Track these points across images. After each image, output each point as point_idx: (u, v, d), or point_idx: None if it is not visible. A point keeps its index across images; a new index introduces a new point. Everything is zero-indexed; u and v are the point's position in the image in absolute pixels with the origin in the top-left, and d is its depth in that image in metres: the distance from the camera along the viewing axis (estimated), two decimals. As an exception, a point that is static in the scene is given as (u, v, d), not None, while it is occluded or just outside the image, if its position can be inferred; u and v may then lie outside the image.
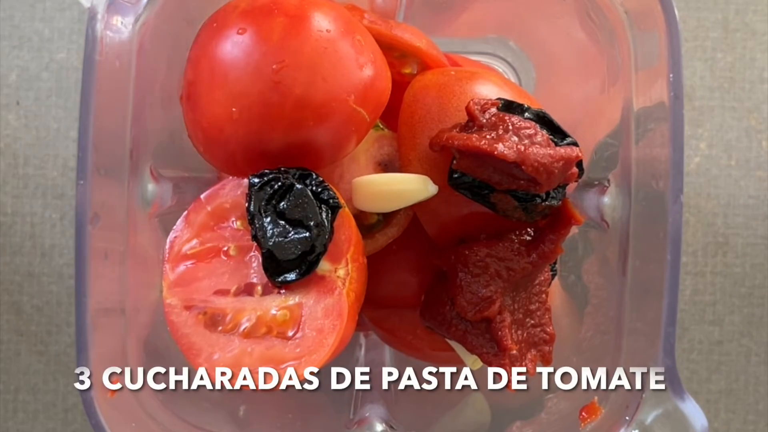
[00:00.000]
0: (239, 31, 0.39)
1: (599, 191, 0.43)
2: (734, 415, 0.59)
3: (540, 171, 0.39)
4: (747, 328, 0.59)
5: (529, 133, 0.40)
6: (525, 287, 0.42)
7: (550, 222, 0.43)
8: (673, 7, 0.36)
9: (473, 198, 0.41)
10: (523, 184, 0.40)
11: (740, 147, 0.59)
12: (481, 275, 0.42)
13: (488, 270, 0.42)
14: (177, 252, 0.41)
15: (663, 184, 0.37)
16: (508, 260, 0.42)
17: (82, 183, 0.37)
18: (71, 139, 0.59)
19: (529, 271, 0.42)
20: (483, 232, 0.43)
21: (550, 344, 0.42)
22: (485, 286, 0.41)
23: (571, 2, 0.44)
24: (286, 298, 0.39)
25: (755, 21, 0.59)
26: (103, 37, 0.37)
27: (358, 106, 0.40)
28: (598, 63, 0.44)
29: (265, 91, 0.39)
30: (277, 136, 0.39)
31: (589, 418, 0.40)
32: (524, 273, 0.42)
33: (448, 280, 0.43)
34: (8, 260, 0.58)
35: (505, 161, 0.39)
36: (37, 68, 0.59)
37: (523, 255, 0.42)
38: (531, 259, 0.42)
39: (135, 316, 0.41)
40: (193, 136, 0.42)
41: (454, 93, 0.43)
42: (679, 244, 0.37)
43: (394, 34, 0.44)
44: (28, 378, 0.58)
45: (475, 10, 0.51)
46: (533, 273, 0.42)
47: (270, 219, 0.39)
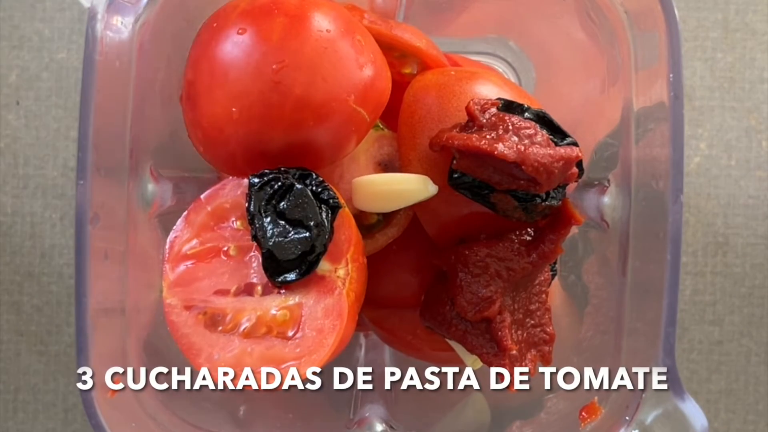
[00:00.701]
0: (239, 31, 0.39)
1: (599, 191, 0.43)
2: (734, 415, 0.59)
3: (540, 171, 0.39)
4: (747, 328, 0.59)
5: (529, 133, 0.40)
6: (525, 287, 0.42)
7: (550, 222, 0.43)
8: (673, 7, 0.36)
9: (473, 198, 0.41)
10: (523, 184, 0.40)
11: (740, 147, 0.59)
12: (481, 275, 0.41)
13: (488, 270, 0.41)
14: (177, 252, 0.41)
15: (663, 184, 0.37)
16: (508, 260, 0.42)
17: (82, 183, 0.37)
18: (71, 139, 0.59)
19: (529, 271, 0.42)
20: (483, 232, 0.43)
21: (550, 344, 0.42)
22: (485, 286, 0.41)
23: (571, 2, 0.44)
24: (286, 298, 0.39)
25: (755, 21, 0.59)
26: (103, 37, 0.37)
27: (358, 106, 0.40)
28: (598, 63, 0.44)
29: (265, 91, 0.39)
30: (277, 136, 0.39)
31: (589, 418, 0.40)
32: (524, 273, 0.42)
33: (448, 281, 0.43)
34: (8, 260, 0.58)
35: (506, 161, 0.39)
36: (37, 68, 0.59)
37: (523, 255, 0.42)
38: (531, 259, 0.42)
39: (135, 316, 0.41)
40: (193, 136, 0.42)
41: (454, 93, 0.43)
42: (679, 244, 0.37)
43: (394, 34, 0.44)
44: (28, 378, 0.58)
45: (475, 10, 0.51)
46: (533, 273, 0.42)
47: (270, 219, 0.39)
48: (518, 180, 0.40)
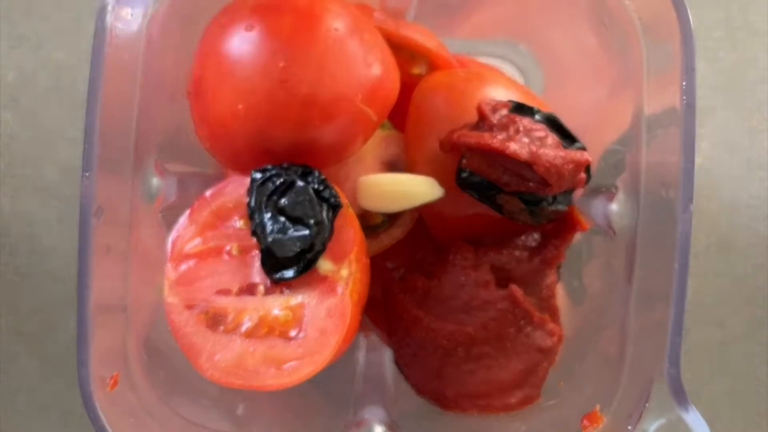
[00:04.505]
0: (247, 28, 0.39)
1: (607, 198, 0.43)
2: (736, 417, 0.58)
3: (551, 172, 0.39)
4: (749, 329, 0.58)
5: (539, 135, 0.40)
6: (533, 291, 0.42)
7: (555, 227, 0.43)
8: (688, 14, 0.36)
9: (480, 199, 0.41)
10: (532, 186, 0.40)
11: (742, 147, 0.59)
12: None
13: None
14: (179, 251, 0.41)
15: (672, 192, 0.37)
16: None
17: (88, 175, 0.36)
18: (69, 139, 0.58)
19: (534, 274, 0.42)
20: (488, 235, 0.43)
21: (558, 345, 0.42)
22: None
23: (583, 8, 0.44)
24: (288, 298, 0.39)
25: (757, 20, 0.59)
26: (112, 28, 0.37)
27: (365, 105, 0.40)
28: (608, 69, 0.44)
29: (272, 88, 0.39)
30: (284, 134, 0.39)
31: (590, 426, 0.40)
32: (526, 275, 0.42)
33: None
34: (7, 261, 0.58)
35: (518, 160, 0.38)
36: (35, 68, 0.59)
37: (526, 259, 0.42)
38: (534, 263, 0.42)
39: (136, 314, 0.41)
40: (200, 131, 0.42)
41: (462, 94, 0.43)
42: (687, 253, 0.36)
43: (404, 34, 0.44)
44: (26, 379, 0.58)
45: (486, 13, 0.51)
46: (539, 276, 0.42)
47: (270, 215, 0.39)
48: (527, 181, 0.40)
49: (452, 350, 0.42)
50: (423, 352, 0.43)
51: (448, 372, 0.42)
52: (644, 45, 0.40)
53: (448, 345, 0.42)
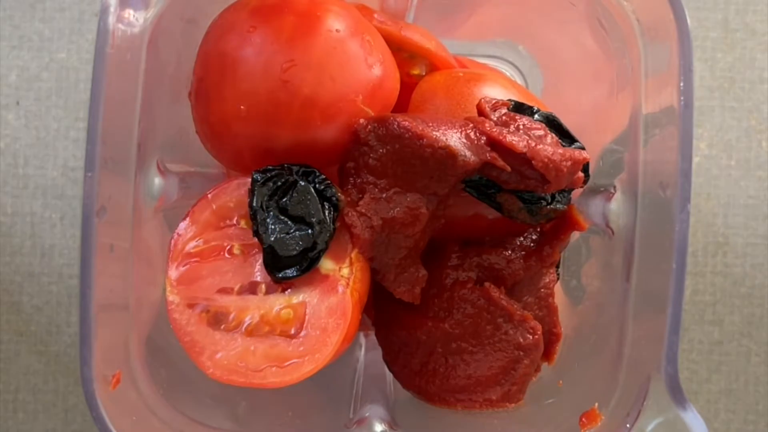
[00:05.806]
0: (249, 29, 0.39)
1: (605, 198, 0.43)
2: (734, 416, 0.58)
3: (549, 168, 0.39)
4: (747, 328, 0.58)
5: (539, 134, 0.40)
6: (530, 290, 0.42)
7: (553, 226, 0.43)
8: (685, 15, 0.36)
9: (479, 197, 0.41)
10: (531, 183, 0.40)
11: (740, 147, 0.59)
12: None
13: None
14: (181, 250, 0.41)
15: (670, 192, 0.37)
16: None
17: (90, 175, 0.36)
18: (71, 140, 0.58)
19: (531, 273, 0.42)
20: (487, 235, 0.43)
21: (556, 344, 0.43)
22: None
23: (582, 9, 0.44)
24: (289, 296, 0.39)
25: (755, 21, 0.59)
26: (114, 29, 0.37)
27: (365, 106, 0.40)
28: (606, 69, 0.44)
29: (273, 89, 0.39)
30: (285, 134, 0.39)
31: (589, 424, 0.40)
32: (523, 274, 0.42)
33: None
34: (8, 260, 0.58)
35: (514, 151, 0.39)
36: (37, 68, 0.59)
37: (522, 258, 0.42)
38: (530, 262, 0.42)
39: (138, 313, 0.41)
40: (201, 132, 0.42)
41: (462, 94, 0.43)
42: (685, 253, 0.37)
43: (404, 35, 0.44)
44: (28, 378, 0.58)
45: (485, 14, 0.51)
46: (538, 275, 0.42)
47: (272, 215, 0.39)
48: (527, 179, 0.40)
49: (432, 346, 0.42)
50: (406, 348, 0.43)
51: (429, 368, 0.43)
52: (642, 46, 0.40)
53: (428, 340, 0.42)
